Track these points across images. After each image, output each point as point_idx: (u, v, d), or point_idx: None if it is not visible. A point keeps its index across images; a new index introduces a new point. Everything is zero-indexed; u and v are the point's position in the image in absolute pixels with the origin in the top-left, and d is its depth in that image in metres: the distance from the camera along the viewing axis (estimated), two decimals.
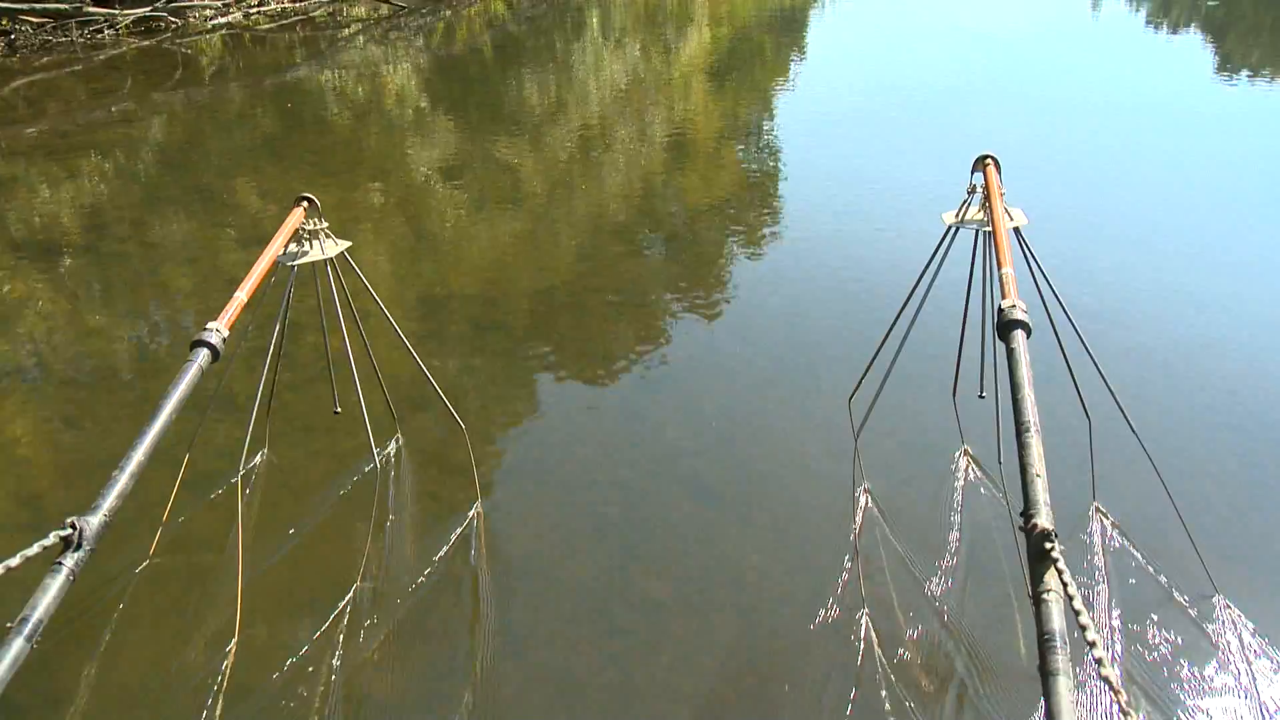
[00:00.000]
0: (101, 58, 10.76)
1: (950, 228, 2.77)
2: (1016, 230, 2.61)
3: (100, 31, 11.61)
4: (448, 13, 12.97)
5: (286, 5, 13.15)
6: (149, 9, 12.02)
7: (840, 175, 6.24)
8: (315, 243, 2.78)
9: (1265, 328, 4.14)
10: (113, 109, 9.02)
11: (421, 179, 6.64)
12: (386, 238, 5.28)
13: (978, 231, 2.75)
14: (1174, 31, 11.91)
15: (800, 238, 5.23)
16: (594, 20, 12.95)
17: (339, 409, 3.26)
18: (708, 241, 5.27)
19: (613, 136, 7.64)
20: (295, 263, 2.75)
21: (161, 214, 6.04)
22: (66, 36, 11.34)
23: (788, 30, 12.79)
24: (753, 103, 8.79)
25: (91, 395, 3.96)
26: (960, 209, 2.75)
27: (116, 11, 11.87)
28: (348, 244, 2.85)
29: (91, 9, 11.67)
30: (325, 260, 2.80)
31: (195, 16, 12.49)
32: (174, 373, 2.01)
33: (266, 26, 12.40)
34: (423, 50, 11.55)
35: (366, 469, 3.23)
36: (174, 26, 12.13)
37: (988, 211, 2.59)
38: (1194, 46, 11.14)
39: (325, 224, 2.80)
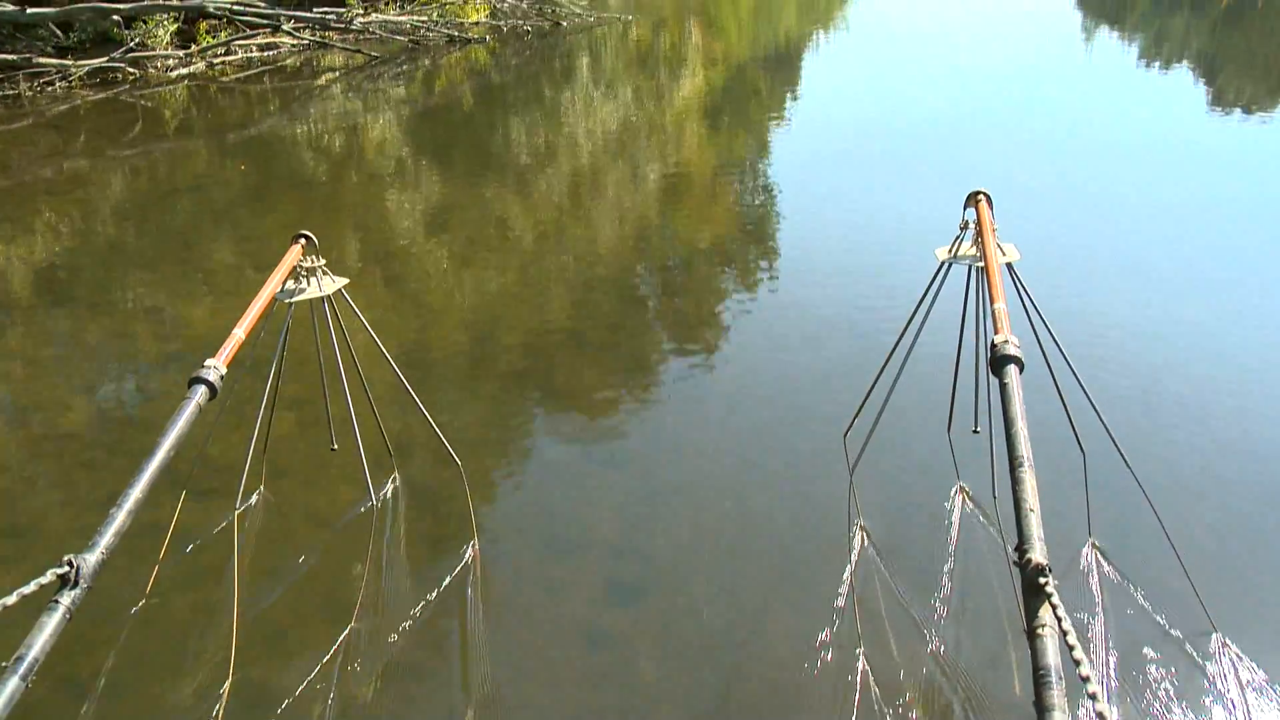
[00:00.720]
0: (53, 112, 9.88)
1: (943, 263, 2.77)
2: (1009, 265, 2.60)
3: (52, 84, 10.72)
4: (426, 61, 12.23)
5: (254, 54, 12.34)
6: (105, 60, 11.16)
7: (834, 212, 6.23)
8: (313, 280, 2.77)
9: (1261, 363, 4.11)
10: (64, 165, 8.20)
11: (404, 229, 6.35)
12: (370, 287, 5.01)
13: (971, 267, 2.74)
14: (1166, 68, 11.94)
15: (793, 274, 5.23)
16: (583, 64, 12.30)
17: (336, 446, 3.23)
18: (701, 280, 5.23)
19: (604, 181, 7.29)
20: (293, 300, 2.75)
21: (115, 277, 5.61)
22: (14, 90, 10.43)
23: (782, 69, 12.59)
24: (747, 142, 8.63)
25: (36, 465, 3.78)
26: (953, 244, 2.75)
27: (70, 63, 11.00)
28: (345, 281, 2.84)
29: (42, 60, 10.79)
30: (323, 297, 2.79)
31: (155, 67, 11.64)
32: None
33: (233, 77, 11.58)
34: (402, 100, 10.79)
35: (363, 507, 3.23)
36: (132, 78, 11.27)
37: (980, 247, 2.60)
38: (1185, 82, 11.12)
39: (323, 261, 2.79)
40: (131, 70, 11.34)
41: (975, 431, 3.08)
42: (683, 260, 5.58)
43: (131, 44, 11.52)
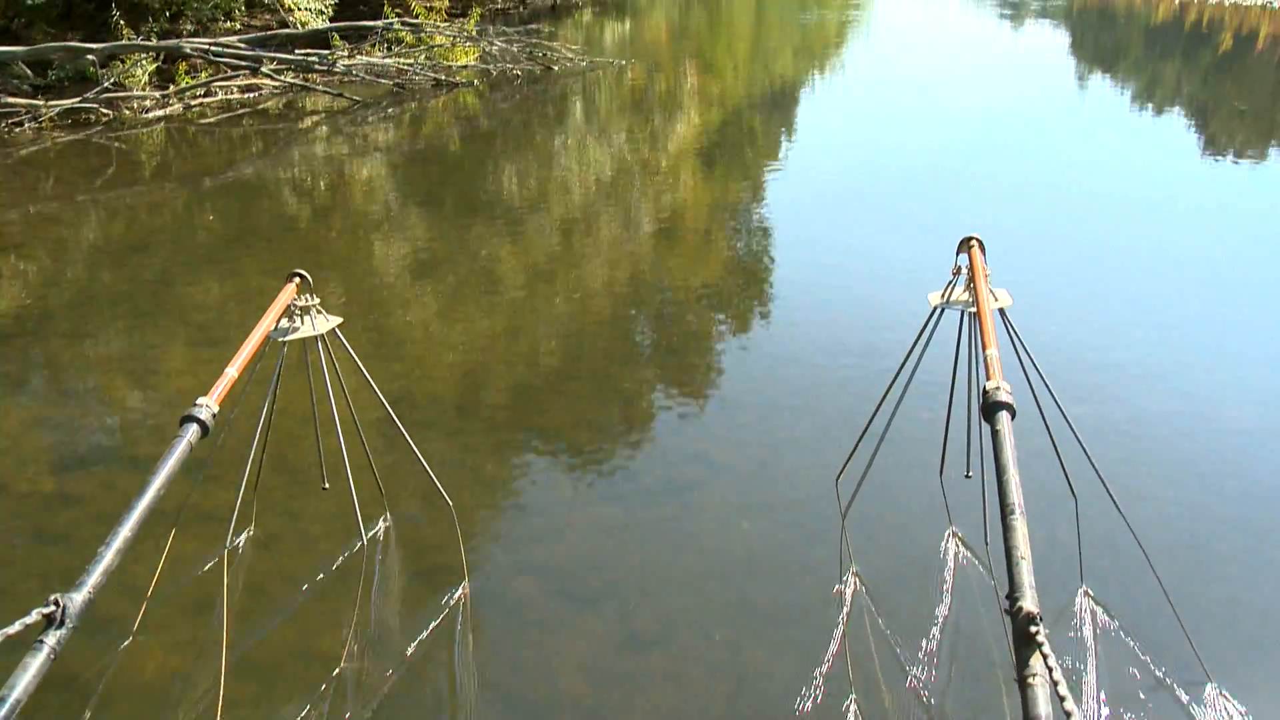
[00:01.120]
0: (20, 154, 9.43)
1: (936, 308, 2.78)
2: (1001, 311, 2.61)
3: (20, 124, 10.26)
4: (413, 105, 11.85)
5: (234, 96, 11.94)
6: (77, 100, 10.73)
7: (827, 255, 6.26)
8: (307, 318, 2.77)
9: (1255, 410, 4.09)
10: (30, 209, 7.81)
11: (390, 273, 6.25)
12: (355, 332, 4.88)
13: (963, 312, 2.75)
14: (1158, 113, 11.98)
15: (786, 317, 5.25)
16: (576, 108, 11.97)
17: (327, 485, 3.20)
18: (693, 323, 5.20)
19: (596, 226, 7.18)
20: (286, 338, 2.74)
21: (85, 324, 5.43)
22: None
23: (778, 111, 12.43)
24: (741, 185, 8.57)
25: None
26: (946, 290, 2.76)
27: (40, 102, 10.55)
28: (338, 320, 2.84)
29: (10, 99, 10.34)
30: (316, 336, 2.79)
31: (131, 108, 11.21)
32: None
33: (212, 119, 11.16)
34: (388, 143, 10.41)
35: (354, 547, 3.21)
36: (106, 119, 10.84)
37: (973, 292, 2.59)
38: (1178, 127, 11.16)
39: (317, 300, 2.78)
40: (105, 111, 10.91)
41: (967, 476, 3.10)
42: (674, 303, 5.54)
43: (107, 84, 11.10)
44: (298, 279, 2.78)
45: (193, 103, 11.47)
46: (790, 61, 17.47)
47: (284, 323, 2.76)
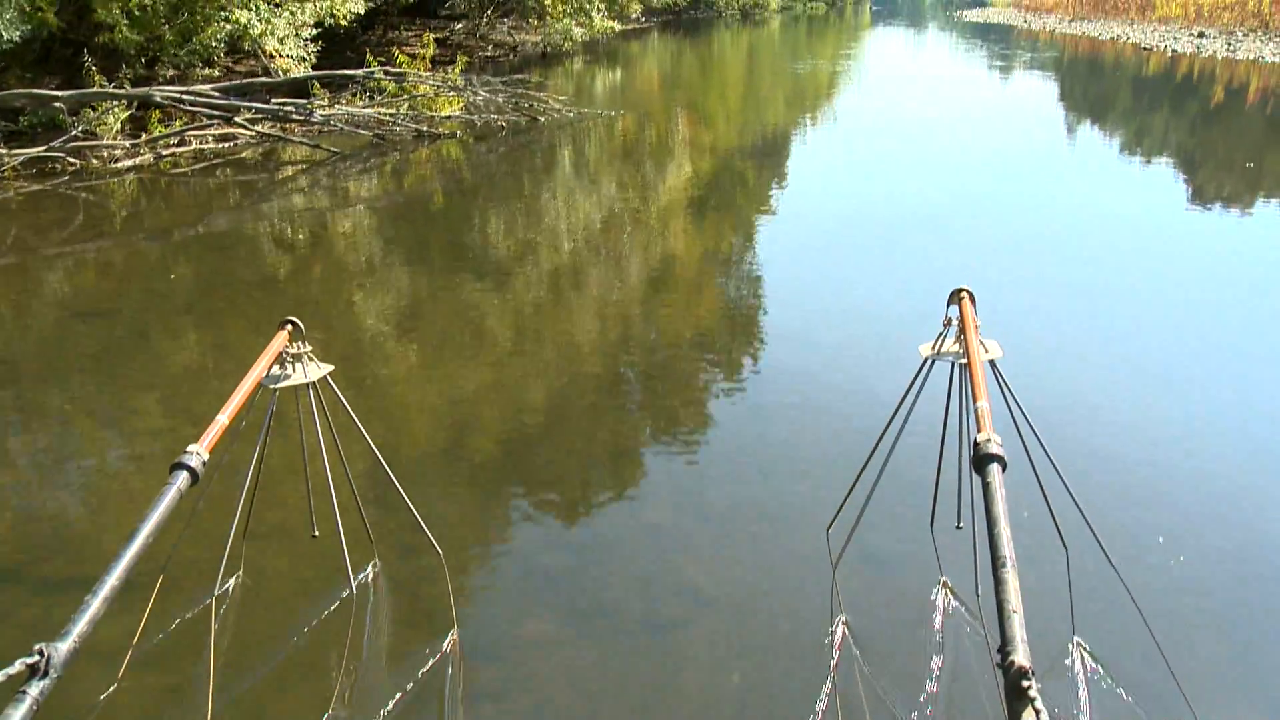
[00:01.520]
0: None
1: (926, 360, 2.79)
2: (992, 362, 2.62)
3: None
4: (395, 155, 11.47)
5: (208, 146, 11.54)
6: (42, 149, 10.31)
7: (817, 305, 6.28)
8: (298, 366, 2.76)
9: (1248, 459, 4.09)
10: None
11: (372, 326, 6.06)
12: (341, 386, 4.55)
13: (954, 363, 2.75)
14: (1147, 162, 12.02)
15: (776, 368, 5.25)
16: (564, 158, 11.60)
17: (317, 533, 3.22)
18: (683, 374, 5.19)
19: (584, 280, 6.97)
20: (278, 385, 2.73)
21: (47, 386, 5.17)
22: None
23: (769, 159, 12.26)
24: (732, 235, 8.48)
25: None
26: (936, 341, 2.77)
27: (3, 152, 10.13)
28: (330, 368, 2.83)
29: None
30: (308, 384, 2.77)
31: (100, 157, 10.79)
32: None
33: (185, 169, 10.75)
34: (370, 195, 10.01)
35: (343, 594, 3.19)
36: (73, 169, 10.42)
37: (963, 344, 2.64)
38: (1166, 177, 11.16)
39: (308, 347, 2.78)
40: (72, 160, 10.49)
41: (958, 527, 3.10)
42: (665, 354, 5.50)
43: (75, 132, 10.69)
44: (290, 326, 2.76)
45: (164, 152, 11.05)
46: (782, 110, 17.31)
47: (275, 369, 2.75)
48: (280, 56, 14.27)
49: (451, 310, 6.37)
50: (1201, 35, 31.40)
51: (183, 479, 2.09)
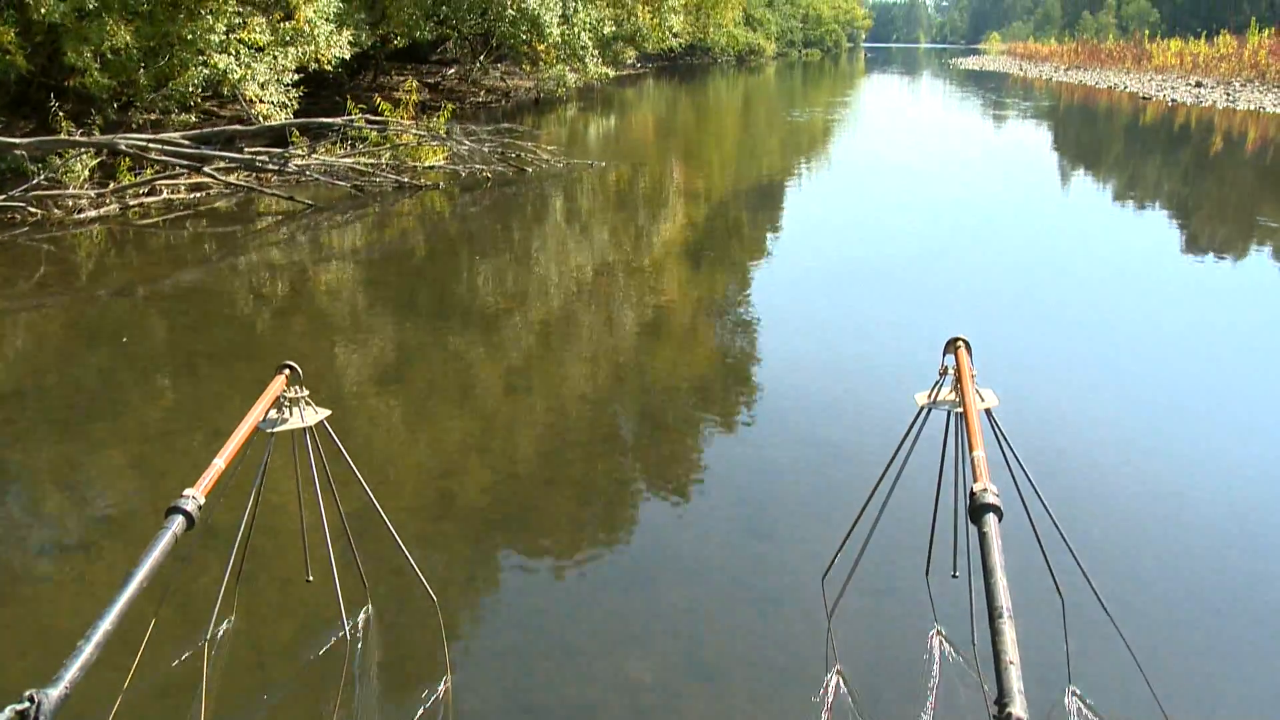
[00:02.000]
0: None
1: (922, 409, 2.80)
2: (988, 411, 2.64)
3: None
4: (375, 208, 10.95)
5: (180, 196, 11.01)
6: (2, 198, 9.77)
7: (814, 352, 6.24)
8: (295, 410, 2.77)
9: (1248, 508, 4.08)
10: None
11: (356, 379, 5.82)
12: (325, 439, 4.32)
13: (950, 412, 2.77)
14: (1140, 209, 12.02)
15: (771, 416, 5.20)
16: (551, 212, 11.11)
17: (311, 578, 3.17)
18: (676, 422, 5.14)
19: (576, 335, 6.71)
20: (274, 429, 2.74)
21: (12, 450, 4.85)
22: None
23: (764, 205, 12.10)
24: (726, 283, 8.30)
25: None
26: (932, 390, 2.79)
27: None
28: (327, 413, 2.84)
29: None
30: (304, 428, 2.78)
31: (64, 207, 10.25)
32: None
33: (154, 219, 10.21)
34: (350, 248, 9.46)
35: (336, 638, 3.15)
36: (33, 219, 9.87)
37: (959, 393, 2.65)
38: (1160, 224, 11.24)
39: (305, 392, 2.79)
40: (33, 210, 9.94)
41: (954, 576, 3.09)
42: (658, 403, 5.43)
43: (40, 179, 10.16)
44: (287, 370, 2.77)
45: (132, 202, 10.51)
46: (778, 160, 16.95)
47: (273, 414, 2.75)
48: (261, 102, 13.79)
49: (436, 364, 6.12)
50: (1199, 85, 31.30)
51: (178, 523, 2.08)
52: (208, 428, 4.87)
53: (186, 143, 10.42)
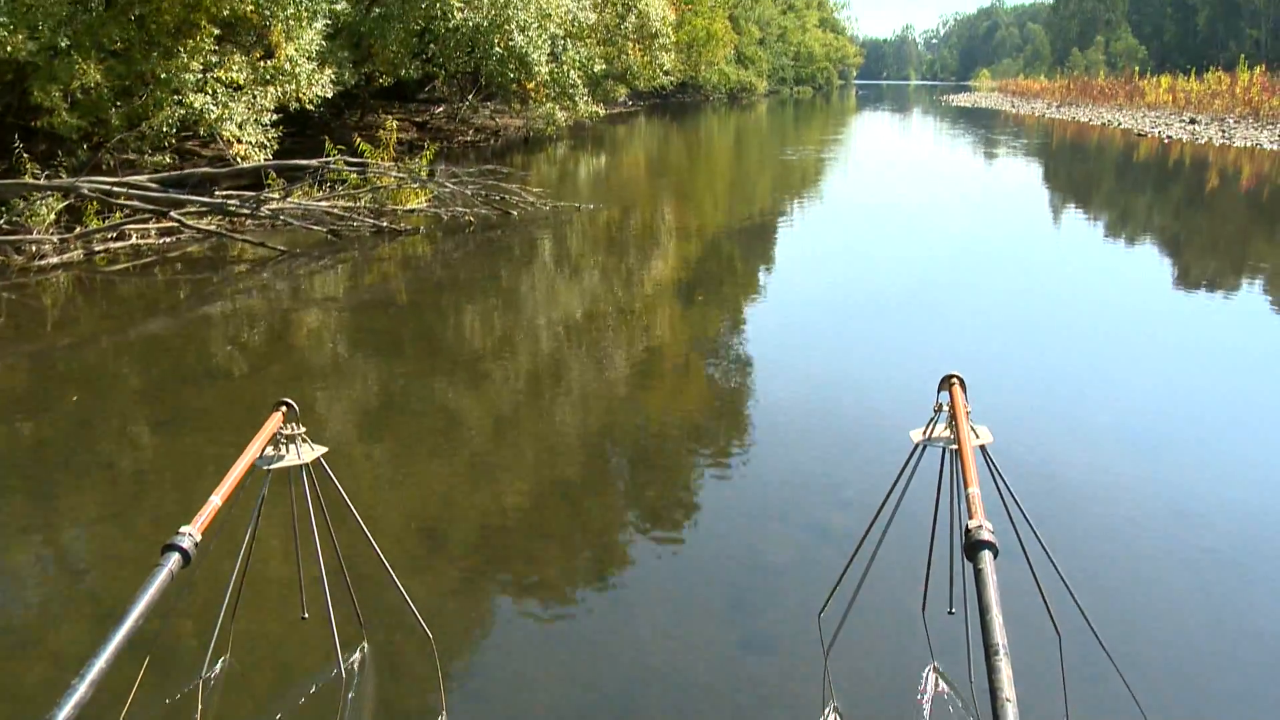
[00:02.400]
0: None
1: (917, 445, 2.81)
2: (983, 448, 2.65)
3: None
4: (355, 253, 10.47)
5: (150, 241, 10.53)
6: None
7: (806, 389, 6.16)
8: (292, 448, 2.78)
9: (1244, 543, 4.04)
10: None
11: (338, 426, 5.59)
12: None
13: (945, 449, 2.78)
14: (1137, 243, 12.14)
15: (766, 453, 5.15)
16: (537, 255, 10.65)
17: (306, 615, 3.13)
18: (668, 461, 5.10)
19: (565, 383, 6.50)
20: (271, 467, 2.75)
21: None
22: None
23: (757, 245, 11.92)
24: (720, 320, 8.16)
25: None
26: (927, 426, 2.79)
27: None
28: (324, 450, 2.84)
29: None
30: (301, 465, 2.79)
31: (23, 253, 9.76)
32: None
33: (124, 266, 9.73)
34: (329, 295, 8.97)
35: (331, 676, 3.13)
36: None
37: (954, 430, 2.65)
38: (1151, 259, 11.32)
39: (303, 429, 2.79)
40: None
41: (950, 613, 3.10)
42: (650, 443, 5.39)
43: (0, 223, 9.68)
44: (284, 407, 2.77)
45: (98, 248, 10.03)
46: (771, 201, 16.60)
47: (269, 451, 2.76)
48: (239, 143, 13.36)
49: (420, 411, 5.88)
50: (1193, 121, 31.16)
51: (174, 560, 2.07)
52: (180, 490, 4.60)
53: (154, 186, 9.94)
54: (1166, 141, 26.52)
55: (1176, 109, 36.57)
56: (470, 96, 27.93)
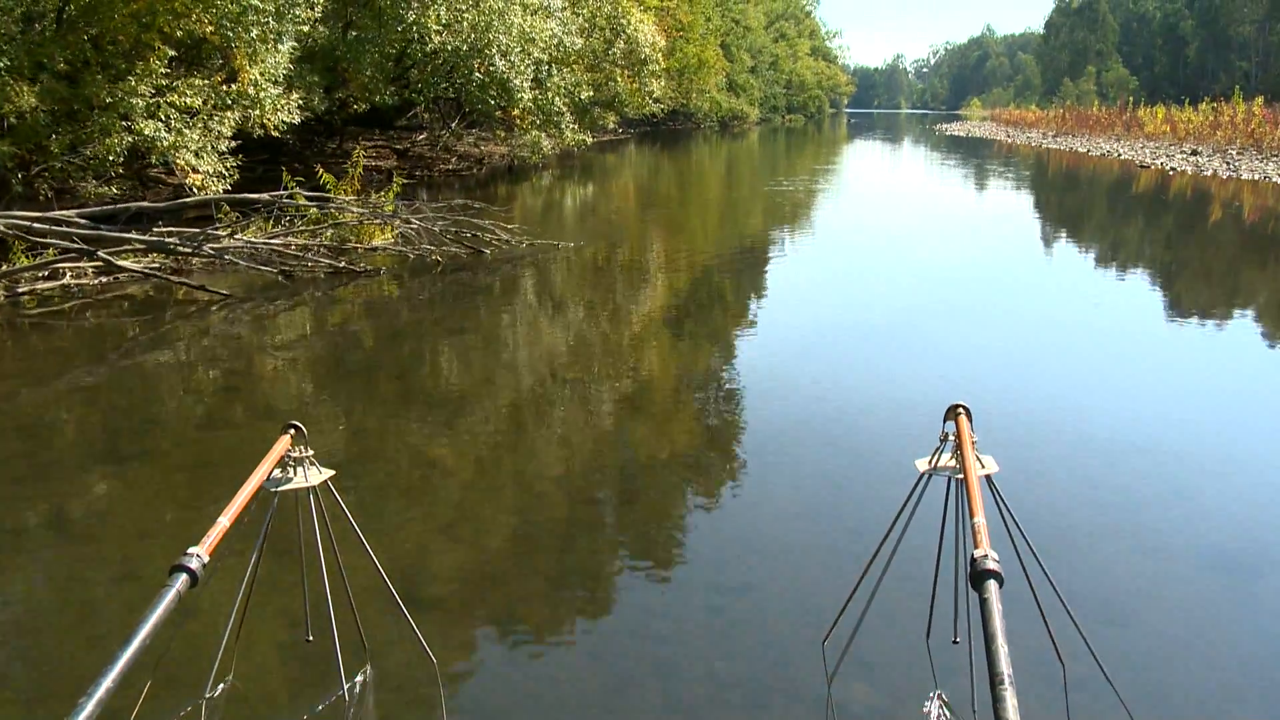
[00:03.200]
0: None
1: (923, 475, 2.84)
2: (988, 478, 2.67)
3: None
4: (307, 295, 9.49)
5: (86, 281, 9.54)
6: None
7: (802, 420, 6.02)
8: (300, 470, 2.82)
9: (1252, 571, 4.04)
10: None
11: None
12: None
13: (950, 478, 2.80)
14: (1122, 272, 12.02)
15: (771, 481, 5.04)
16: (517, 294, 9.70)
17: (311, 638, 3.20)
18: (665, 489, 5.00)
19: (551, 416, 6.23)
20: (279, 489, 2.80)
21: None
22: None
23: (748, 270, 11.63)
24: (712, 352, 7.89)
25: None
26: (933, 456, 2.83)
27: None
28: (331, 473, 2.87)
29: None
30: (309, 488, 2.83)
31: None
32: None
33: (54, 308, 8.74)
34: (271, 344, 7.98)
35: (334, 698, 3.12)
36: None
37: (960, 459, 2.68)
38: (1143, 288, 11.16)
39: (310, 452, 2.83)
40: None
41: (955, 642, 3.10)
42: (643, 474, 5.26)
43: None
44: (292, 430, 2.79)
45: (23, 289, 9.04)
46: (765, 233, 15.75)
47: (277, 473, 2.77)
48: (195, 172, 12.41)
49: (395, 449, 5.44)
50: (1195, 153, 30.50)
51: (182, 581, 2.06)
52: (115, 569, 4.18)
53: (83, 221, 8.94)
54: (1171, 173, 25.79)
55: (1176, 140, 35.95)
56: (453, 123, 27.08)
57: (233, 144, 12.74)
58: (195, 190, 12.26)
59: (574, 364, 7.37)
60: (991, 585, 1.86)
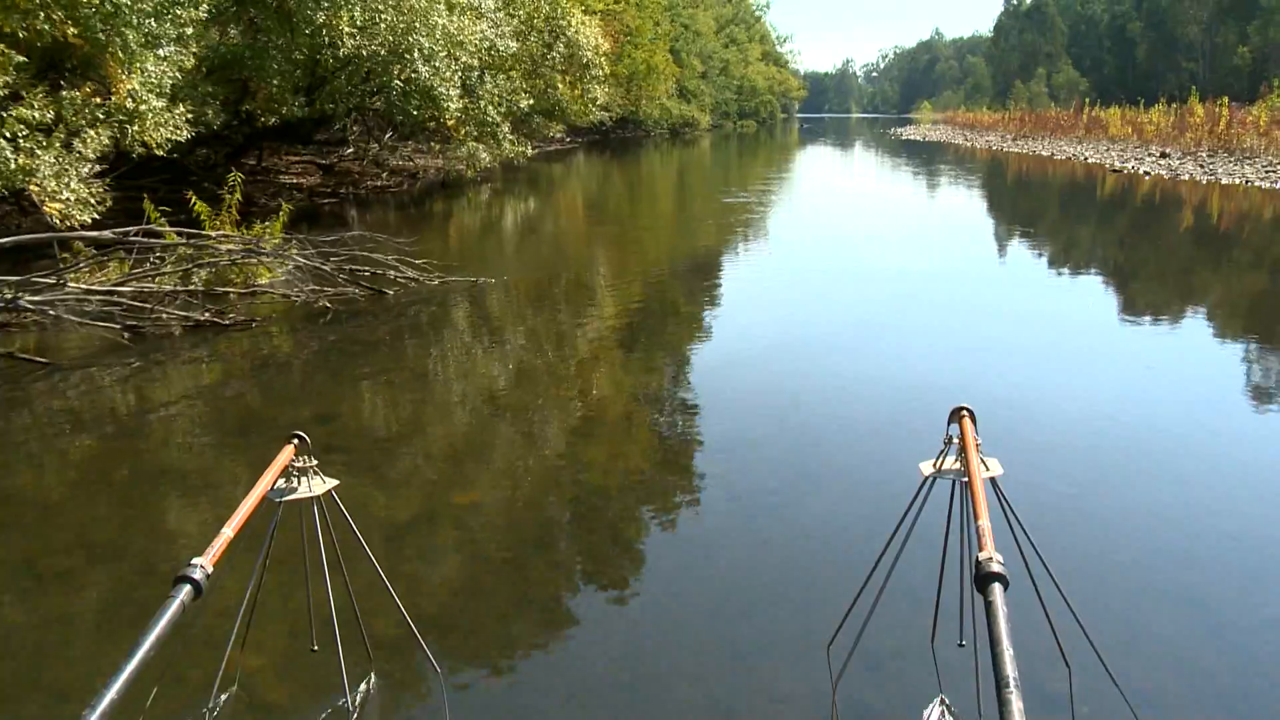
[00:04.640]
0: None
1: (927, 478, 2.81)
2: (993, 480, 2.65)
3: None
4: (157, 358, 7.64)
5: None
6: None
7: (803, 422, 5.92)
8: (304, 480, 2.78)
9: (1257, 574, 3.97)
10: None
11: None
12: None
13: (954, 481, 2.77)
14: (1075, 274, 12.08)
15: (775, 488, 4.94)
16: (459, 315, 7.99)
17: (316, 647, 3.17)
18: (663, 503, 4.80)
19: (491, 450, 5.73)
20: (283, 499, 2.76)
21: None
22: None
23: (702, 278, 11.52)
24: (666, 365, 7.53)
25: None
26: (937, 459, 2.79)
27: None
28: (335, 483, 2.84)
29: None
30: (313, 498, 2.79)
31: None
32: None
33: None
34: (177, 390, 6.16)
35: (338, 707, 3.09)
36: None
37: (964, 462, 2.66)
38: (1096, 288, 11.18)
39: (314, 462, 2.79)
40: None
41: (960, 645, 3.06)
42: (637, 491, 5.01)
43: None
44: (296, 440, 2.73)
45: None
46: (715, 241, 14.66)
47: (281, 483, 2.72)
48: (53, 201, 10.51)
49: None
50: (1165, 155, 29.45)
51: (186, 592, 2.04)
52: None
53: None
54: (1145, 177, 24.63)
55: (1142, 142, 34.96)
56: (388, 136, 25.22)
57: (118, 167, 10.82)
58: (57, 220, 10.38)
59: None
60: (996, 588, 1.85)
